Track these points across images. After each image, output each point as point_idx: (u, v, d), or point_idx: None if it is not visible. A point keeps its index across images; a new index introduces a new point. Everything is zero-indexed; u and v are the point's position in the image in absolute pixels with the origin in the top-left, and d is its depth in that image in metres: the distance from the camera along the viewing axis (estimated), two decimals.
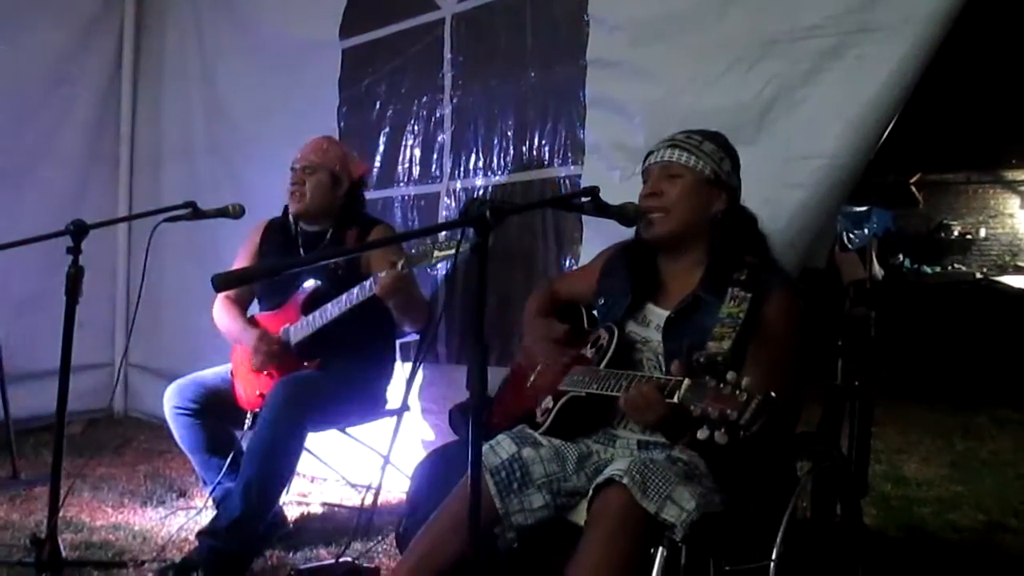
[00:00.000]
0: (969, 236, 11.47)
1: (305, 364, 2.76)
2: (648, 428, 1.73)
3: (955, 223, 11.53)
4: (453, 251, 2.28)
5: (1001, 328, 7.30)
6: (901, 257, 10.91)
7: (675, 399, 1.50)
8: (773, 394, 1.37)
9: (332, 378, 2.71)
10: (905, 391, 6.04)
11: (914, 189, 11.45)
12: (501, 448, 1.87)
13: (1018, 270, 10.78)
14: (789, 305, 1.84)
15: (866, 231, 9.89)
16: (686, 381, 1.48)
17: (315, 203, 2.88)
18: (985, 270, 10.92)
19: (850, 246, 9.57)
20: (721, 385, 1.41)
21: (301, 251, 2.92)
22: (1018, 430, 5.01)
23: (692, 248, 1.97)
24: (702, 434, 1.40)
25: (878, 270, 10.16)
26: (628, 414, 1.68)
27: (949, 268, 10.99)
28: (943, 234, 11.42)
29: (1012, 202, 11.41)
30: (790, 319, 1.83)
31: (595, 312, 2.15)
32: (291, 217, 2.96)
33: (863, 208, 9.85)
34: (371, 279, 2.54)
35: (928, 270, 10.78)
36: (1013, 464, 4.24)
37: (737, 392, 1.38)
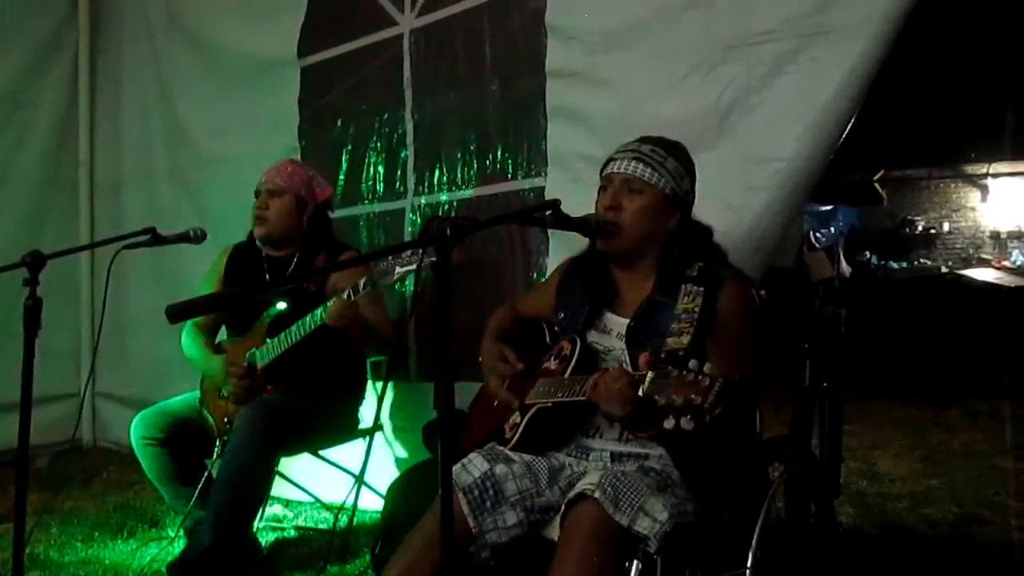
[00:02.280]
0: (933, 231, 11.65)
1: (269, 388, 2.72)
2: (618, 421, 1.71)
3: (919, 218, 11.71)
4: (414, 267, 2.26)
5: (968, 320, 7.40)
6: (868, 254, 11.05)
7: (640, 392, 1.50)
8: (736, 377, 1.37)
9: (302, 401, 2.67)
10: (876, 386, 6.09)
11: (878, 186, 11.62)
12: (473, 466, 1.85)
13: (982, 262, 10.97)
14: (741, 294, 1.86)
15: (832, 230, 10.02)
16: (650, 373, 1.48)
17: (280, 227, 2.85)
18: (950, 264, 11.10)
19: (818, 245, 9.69)
20: (684, 372, 1.41)
21: (267, 277, 2.88)
22: (989, 421, 5.06)
23: (644, 259, 1.97)
24: (668, 423, 1.40)
25: (846, 268, 10.28)
26: (598, 404, 1.66)
27: (915, 263, 11.15)
28: (908, 230, 11.59)
29: (973, 196, 11.62)
30: (744, 307, 1.85)
31: (556, 327, 2.14)
32: (257, 242, 2.93)
33: (829, 207, 9.97)
34: (321, 307, 2.53)
35: (895, 266, 10.93)
36: (985, 455, 4.28)
37: (700, 377, 1.38)
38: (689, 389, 1.39)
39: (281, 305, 2.73)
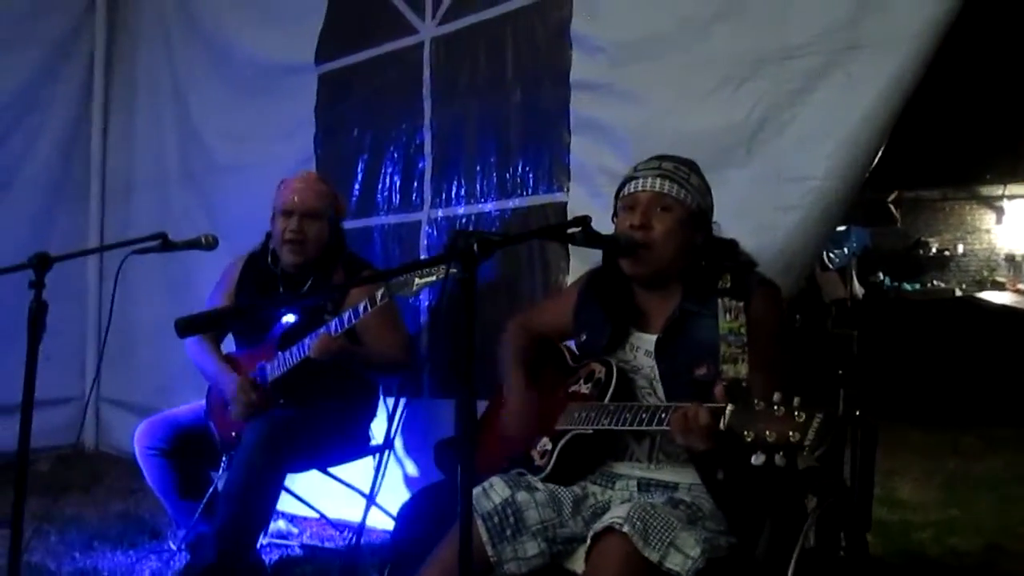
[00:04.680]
0: (947, 253, 11.53)
1: (281, 402, 2.66)
2: (693, 454, 1.64)
3: (933, 240, 11.59)
4: (434, 278, 2.19)
5: (984, 344, 7.30)
6: (880, 275, 10.95)
7: (722, 425, 1.43)
8: (837, 411, 1.31)
9: (311, 416, 2.61)
10: (891, 410, 5.99)
11: (891, 207, 11.53)
12: (494, 492, 1.77)
13: (996, 285, 10.85)
14: (771, 301, 1.83)
15: (846, 250, 9.92)
16: (730, 406, 1.41)
17: (315, 251, 2.78)
18: (964, 286, 10.97)
19: (830, 265, 9.60)
20: (775, 408, 1.33)
21: (281, 290, 2.81)
22: (1008, 448, 4.97)
23: (671, 279, 1.91)
24: (757, 459, 1.33)
25: (859, 288, 10.18)
26: (676, 438, 1.59)
27: (928, 285, 11.03)
28: (921, 251, 11.48)
29: (988, 218, 11.50)
30: (776, 315, 1.82)
31: (577, 350, 2.07)
32: (269, 257, 2.85)
33: (842, 228, 9.88)
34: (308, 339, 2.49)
35: (908, 287, 10.82)
36: (1007, 483, 4.20)
37: (795, 414, 1.31)
38: (782, 424, 1.32)
39: (290, 317, 2.66)
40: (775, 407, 1.34)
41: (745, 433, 1.36)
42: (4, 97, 4.45)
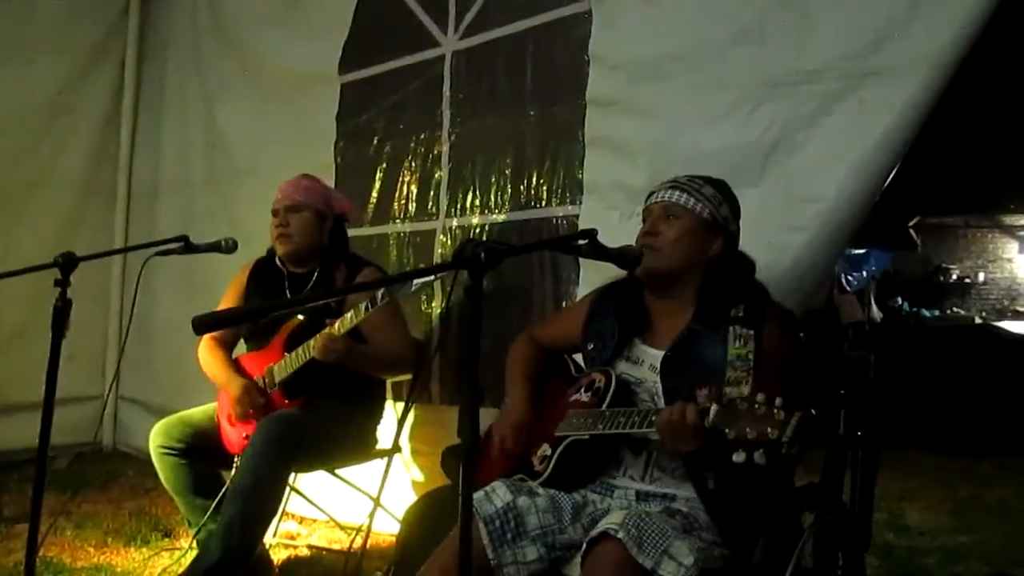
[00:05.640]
0: (968, 280, 11.46)
1: (287, 402, 2.70)
2: (679, 456, 1.67)
3: (954, 267, 11.52)
4: (432, 278, 2.23)
5: (1002, 373, 7.23)
6: (899, 300, 10.88)
7: (707, 423, 1.45)
8: (813, 411, 1.33)
9: (319, 417, 2.64)
10: (905, 435, 5.95)
11: (912, 232, 11.47)
12: (496, 496, 1.80)
13: (1017, 315, 10.76)
14: (783, 332, 1.84)
15: (864, 273, 9.88)
16: (715, 405, 1.43)
17: (304, 242, 2.83)
18: (984, 314, 10.90)
19: (848, 288, 9.54)
20: (756, 406, 1.36)
21: (288, 293, 2.86)
22: (1022, 478, 4.93)
23: (683, 288, 1.94)
24: (738, 457, 1.35)
25: (877, 312, 10.12)
26: (662, 439, 1.62)
27: (948, 312, 10.96)
28: (941, 278, 11.40)
29: (1011, 247, 11.43)
30: (786, 345, 1.83)
31: (584, 360, 2.10)
32: (278, 259, 2.91)
33: (862, 251, 9.85)
34: (313, 340, 2.54)
35: (927, 313, 10.75)
36: (1019, 512, 4.15)
37: (775, 411, 1.33)
38: (762, 422, 1.35)
39: (299, 317, 2.72)
40: (756, 406, 1.36)
41: (727, 431, 1.38)
42: (38, 101, 4.55)
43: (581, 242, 1.79)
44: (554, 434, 1.90)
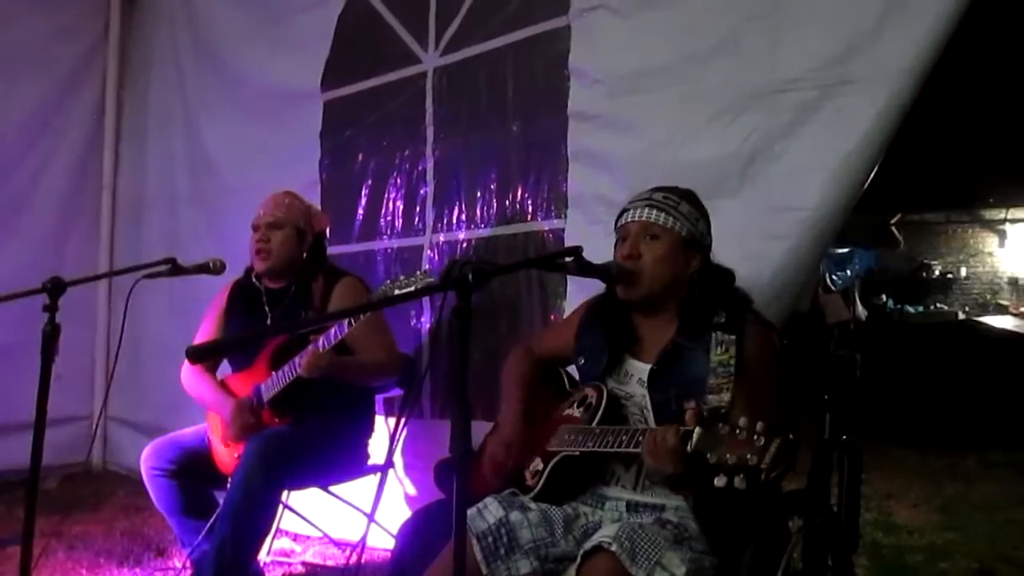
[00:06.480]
0: (950, 275, 11.57)
1: (277, 420, 2.71)
2: (663, 480, 1.69)
3: (936, 263, 11.64)
4: (412, 289, 2.26)
5: (985, 369, 7.32)
6: (884, 297, 10.98)
7: (689, 448, 1.48)
8: (791, 436, 1.35)
9: (309, 434, 2.66)
10: (891, 434, 6.02)
11: (895, 230, 11.57)
12: (488, 512, 1.82)
13: (999, 309, 10.88)
14: (764, 340, 1.85)
15: (849, 272, 9.97)
16: (698, 429, 1.46)
17: (281, 259, 2.84)
18: (967, 309, 11.01)
19: (833, 288, 9.62)
20: (737, 431, 1.39)
21: (267, 309, 2.87)
22: (1007, 473, 4.99)
23: (667, 305, 1.96)
24: (719, 481, 1.37)
25: (862, 311, 10.20)
26: (648, 464, 1.63)
27: (932, 308, 11.07)
28: (924, 274, 11.52)
29: (991, 241, 11.55)
30: (768, 354, 1.84)
31: (577, 375, 2.12)
32: (254, 276, 2.93)
33: (845, 250, 9.94)
34: (297, 357, 2.55)
35: (911, 310, 10.85)
36: (1004, 508, 4.21)
37: (755, 437, 1.36)
38: (743, 448, 1.36)
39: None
40: (738, 431, 1.38)
41: (708, 456, 1.41)
42: (19, 121, 4.55)
43: (567, 259, 1.82)
44: (546, 449, 1.93)
